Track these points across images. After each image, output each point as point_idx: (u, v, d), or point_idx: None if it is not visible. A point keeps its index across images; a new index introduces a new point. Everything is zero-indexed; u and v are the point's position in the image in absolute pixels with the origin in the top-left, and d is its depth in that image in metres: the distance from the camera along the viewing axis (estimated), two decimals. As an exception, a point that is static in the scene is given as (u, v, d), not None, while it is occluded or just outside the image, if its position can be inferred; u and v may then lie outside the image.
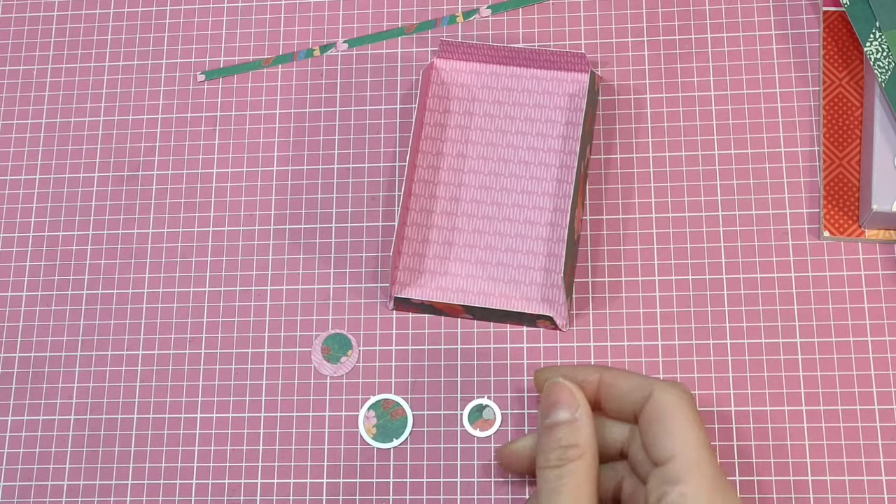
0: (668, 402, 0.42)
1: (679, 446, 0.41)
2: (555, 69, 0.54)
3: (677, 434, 0.41)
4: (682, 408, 0.42)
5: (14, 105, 0.58)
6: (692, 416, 0.42)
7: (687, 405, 0.42)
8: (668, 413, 0.42)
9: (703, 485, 0.40)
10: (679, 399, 0.42)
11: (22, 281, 0.55)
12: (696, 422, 0.42)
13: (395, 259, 0.51)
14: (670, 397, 0.42)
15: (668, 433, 0.41)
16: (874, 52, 0.49)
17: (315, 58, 0.57)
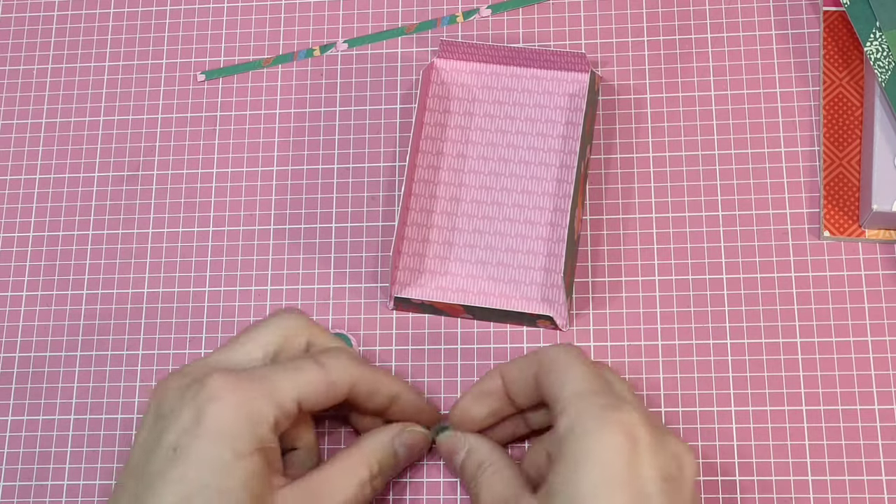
0: (551, 355, 0.43)
1: (563, 381, 0.42)
2: (555, 69, 0.54)
3: (562, 373, 0.42)
4: (565, 355, 0.43)
5: (14, 105, 0.58)
6: (577, 358, 0.43)
7: (572, 352, 0.43)
8: (553, 362, 0.43)
9: (589, 405, 0.41)
10: (562, 350, 0.44)
11: (22, 281, 0.55)
12: (581, 362, 0.43)
13: (395, 259, 0.51)
14: (553, 350, 0.44)
15: (555, 378, 0.42)
16: (874, 52, 0.49)
17: (315, 58, 0.57)
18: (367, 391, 0.46)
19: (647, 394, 0.50)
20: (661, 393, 0.50)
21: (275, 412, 0.42)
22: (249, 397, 0.42)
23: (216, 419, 0.41)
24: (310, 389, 0.43)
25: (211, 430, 0.41)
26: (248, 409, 0.41)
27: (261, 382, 0.43)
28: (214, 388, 0.42)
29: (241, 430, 0.41)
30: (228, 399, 0.41)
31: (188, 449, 0.41)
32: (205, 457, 0.40)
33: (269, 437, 0.42)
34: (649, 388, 0.50)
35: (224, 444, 0.41)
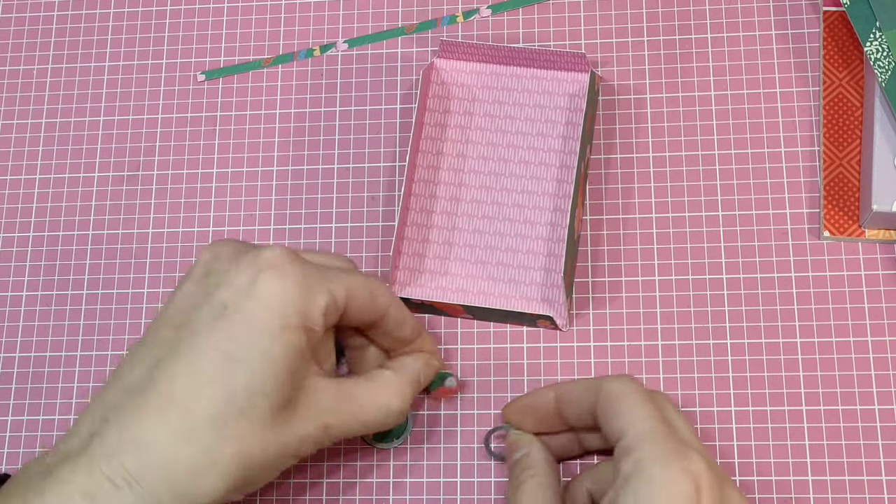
0: (614, 390, 0.43)
1: (628, 421, 0.42)
2: (555, 69, 0.54)
3: (626, 412, 0.42)
4: (627, 391, 0.43)
5: (14, 105, 0.58)
6: (640, 395, 0.43)
7: (633, 387, 0.43)
8: (615, 398, 0.43)
9: (656, 450, 0.41)
10: (624, 384, 0.44)
11: (22, 281, 0.55)
12: (644, 400, 0.43)
13: (396, 259, 0.51)
14: (616, 384, 0.44)
15: (617, 414, 0.43)
16: (874, 52, 0.49)
17: (315, 58, 0.57)
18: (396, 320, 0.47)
19: (647, 394, 0.50)
20: (661, 393, 0.50)
21: (326, 298, 0.43)
22: (305, 275, 0.42)
23: (271, 286, 0.41)
24: (357, 292, 0.44)
25: (264, 295, 0.41)
26: (302, 285, 0.42)
27: (317, 268, 0.43)
28: (274, 257, 0.42)
29: (293, 303, 0.41)
30: (286, 271, 0.42)
31: (239, 309, 0.41)
32: (255, 319, 0.41)
33: (317, 320, 0.42)
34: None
35: (275, 313, 0.41)
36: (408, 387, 0.46)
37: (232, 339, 0.41)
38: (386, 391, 0.45)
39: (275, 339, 0.41)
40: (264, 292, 0.41)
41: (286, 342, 0.41)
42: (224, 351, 0.40)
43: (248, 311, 0.41)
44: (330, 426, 0.43)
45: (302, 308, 0.42)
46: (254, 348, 0.41)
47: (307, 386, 0.42)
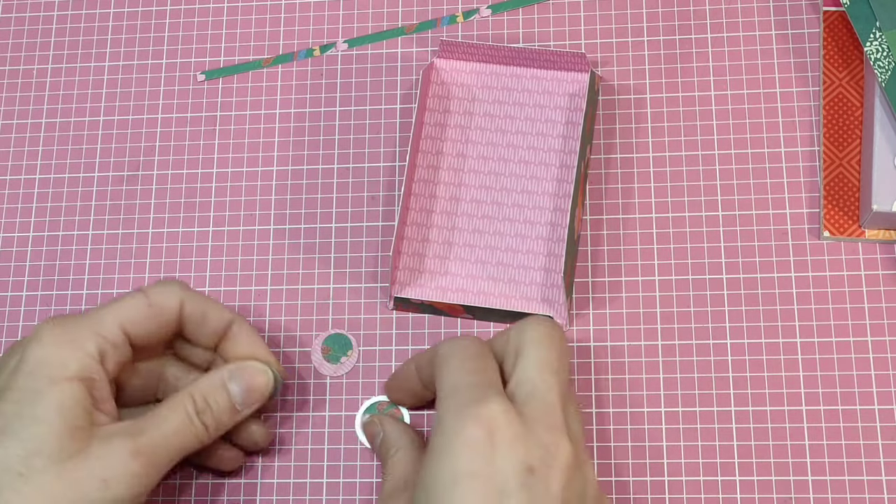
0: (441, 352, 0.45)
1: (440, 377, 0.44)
2: (555, 69, 0.54)
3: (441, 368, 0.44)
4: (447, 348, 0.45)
5: (14, 105, 0.58)
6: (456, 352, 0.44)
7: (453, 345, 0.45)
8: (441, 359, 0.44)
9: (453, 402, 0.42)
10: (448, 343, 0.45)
11: (22, 281, 0.55)
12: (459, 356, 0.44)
13: (395, 259, 0.51)
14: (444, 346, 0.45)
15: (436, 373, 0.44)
16: (874, 52, 0.49)
17: (315, 58, 0.57)
18: (197, 314, 0.47)
19: (647, 394, 0.50)
20: (661, 393, 0.50)
21: (96, 340, 0.43)
22: (68, 331, 0.44)
23: (35, 355, 0.43)
24: (133, 314, 0.45)
25: (29, 365, 0.43)
26: (65, 340, 0.43)
27: (83, 317, 0.44)
28: (37, 330, 0.44)
29: (57, 360, 0.43)
30: (48, 335, 0.43)
31: (8, 387, 0.42)
32: (21, 389, 0.42)
33: (91, 367, 0.43)
34: (649, 388, 0.50)
35: (39, 374, 0.42)
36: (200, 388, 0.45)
37: (4, 414, 0.42)
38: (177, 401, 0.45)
39: (42, 399, 0.42)
40: (29, 362, 0.43)
41: (55, 399, 0.42)
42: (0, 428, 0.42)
43: (16, 386, 0.42)
44: (138, 450, 0.43)
45: (67, 362, 0.43)
46: (22, 416, 0.42)
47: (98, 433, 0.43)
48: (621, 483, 0.49)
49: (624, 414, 0.50)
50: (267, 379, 0.47)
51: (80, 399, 0.42)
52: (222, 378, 0.46)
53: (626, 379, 0.50)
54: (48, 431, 0.41)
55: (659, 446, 0.49)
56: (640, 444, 0.49)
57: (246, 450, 0.50)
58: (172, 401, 0.45)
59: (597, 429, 0.50)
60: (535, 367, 0.43)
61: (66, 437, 0.42)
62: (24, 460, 0.41)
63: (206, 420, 0.45)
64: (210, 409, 0.45)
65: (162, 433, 0.44)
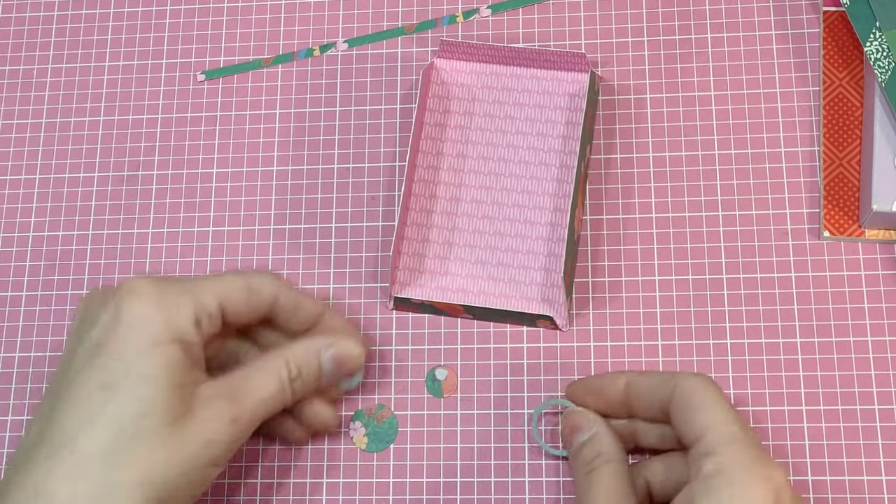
0: (692, 386, 0.43)
1: (709, 421, 0.42)
2: (555, 69, 0.54)
3: (706, 411, 0.42)
4: (707, 389, 0.43)
5: (14, 105, 0.58)
6: (718, 395, 0.43)
7: (712, 387, 0.43)
8: (695, 395, 0.43)
9: (740, 454, 0.40)
10: (703, 381, 0.43)
11: (22, 281, 0.55)
12: (723, 401, 0.42)
13: (395, 259, 0.51)
14: (694, 381, 0.43)
15: (696, 412, 0.42)
16: (874, 52, 0.49)
17: (315, 58, 0.57)
18: (290, 305, 0.47)
19: (647, 394, 0.50)
20: (661, 393, 0.50)
21: (194, 307, 0.44)
22: (168, 292, 0.43)
23: (133, 311, 0.42)
24: (230, 292, 0.45)
25: (129, 321, 0.42)
26: (165, 301, 0.43)
27: (181, 283, 0.44)
28: (133, 285, 0.43)
29: (158, 320, 0.42)
30: (146, 293, 0.43)
31: (109, 340, 0.42)
32: (124, 345, 0.42)
33: (189, 331, 0.43)
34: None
35: (141, 333, 0.42)
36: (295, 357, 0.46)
37: (107, 370, 0.41)
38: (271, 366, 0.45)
39: (148, 359, 0.42)
40: (128, 318, 0.42)
41: (160, 359, 0.42)
42: (102, 383, 0.41)
43: (117, 341, 0.42)
44: (236, 417, 0.43)
45: (168, 323, 0.42)
46: (129, 374, 0.41)
47: (199, 393, 0.43)
48: (621, 483, 0.49)
49: (624, 414, 0.50)
50: (359, 354, 0.47)
51: (182, 360, 0.42)
52: (318, 347, 0.46)
53: None
54: (157, 391, 0.41)
55: (659, 446, 0.49)
56: (640, 444, 0.49)
57: (315, 430, 0.50)
58: (267, 365, 0.45)
59: (597, 429, 0.50)
60: None
61: (173, 398, 0.42)
62: (136, 420, 0.41)
63: (297, 387, 0.46)
64: (301, 377, 0.46)
65: (259, 399, 0.44)
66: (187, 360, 0.43)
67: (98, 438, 0.40)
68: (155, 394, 0.41)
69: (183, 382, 0.42)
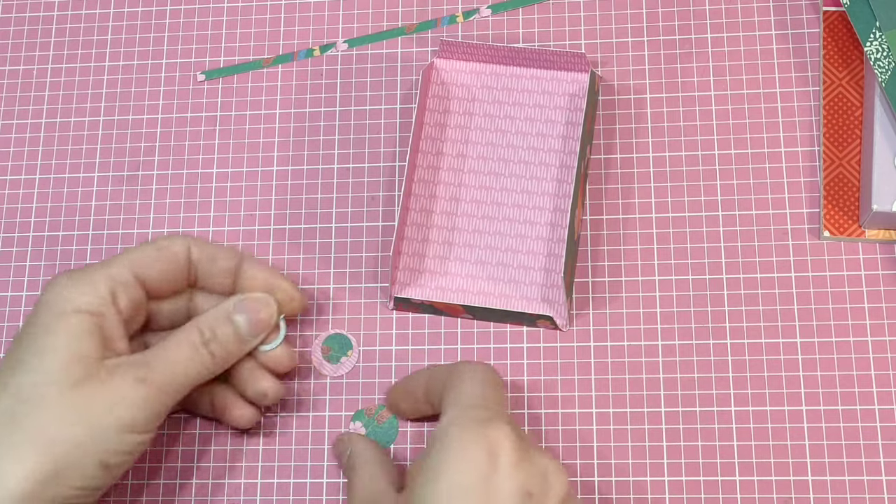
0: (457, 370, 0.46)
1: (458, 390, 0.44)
2: (555, 69, 0.54)
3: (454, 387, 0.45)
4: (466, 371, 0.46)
5: (14, 105, 0.58)
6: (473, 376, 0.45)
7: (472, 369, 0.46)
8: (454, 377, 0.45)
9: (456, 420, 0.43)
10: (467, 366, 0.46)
11: (22, 281, 0.55)
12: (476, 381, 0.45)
13: (395, 259, 0.51)
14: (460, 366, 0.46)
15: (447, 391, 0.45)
16: (874, 52, 0.49)
17: (315, 58, 0.57)
18: (205, 257, 0.48)
19: (648, 394, 0.50)
20: (661, 393, 0.50)
21: (106, 282, 0.45)
22: (80, 272, 0.46)
23: (48, 295, 0.45)
24: (142, 258, 0.47)
25: (43, 302, 0.45)
26: (77, 281, 0.45)
27: (94, 265, 0.47)
28: (55, 277, 0.46)
29: (66, 296, 0.45)
30: (63, 279, 0.46)
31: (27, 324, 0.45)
32: (34, 324, 0.45)
33: (96, 302, 0.45)
34: (649, 388, 0.50)
35: (50, 311, 0.45)
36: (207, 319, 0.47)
37: (20, 348, 0.44)
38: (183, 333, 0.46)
39: (52, 331, 0.44)
40: (41, 303, 0.45)
41: (63, 328, 0.44)
42: (14, 360, 0.44)
43: (31, 321, 0.45)
44: (143, 377, 0.44)
45: (77, 296, 0.45)
46: (34, 347, 0.44)
47: (106, 361, 0.44)
48: (621, 483, 0.49)
49: (624, 414, 0.50)
50: (270, 309, 0.48)
51: (88, 329, 0.44)
52: (227, 309, 0.47)
53: (626, 379, 0.50)
54: (57, 360, 0.43)
55: (659, 446, 0.49)
56: (641, 444, 0.49)
57: (258, 404, 0.50)
58: (179, 333, 0.46)
59: (597, 429, 0.50)
60: None
61: (75, 365, 0.43)
62: (37, 388, 0.43)
63: (214, 349, 0.46)
64: (217, 339, 0.46)
65: (168, 361, 0.45)
66: (98, 331, 0.44)
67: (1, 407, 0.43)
68: (55, 363, 0.43)
69: (88, 352, 0.44)
